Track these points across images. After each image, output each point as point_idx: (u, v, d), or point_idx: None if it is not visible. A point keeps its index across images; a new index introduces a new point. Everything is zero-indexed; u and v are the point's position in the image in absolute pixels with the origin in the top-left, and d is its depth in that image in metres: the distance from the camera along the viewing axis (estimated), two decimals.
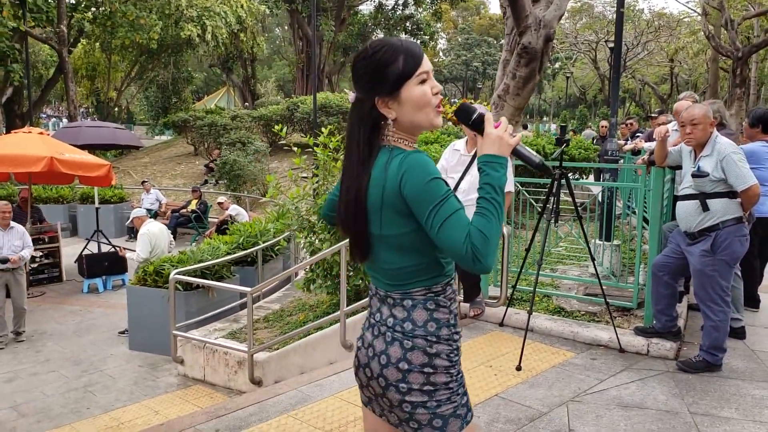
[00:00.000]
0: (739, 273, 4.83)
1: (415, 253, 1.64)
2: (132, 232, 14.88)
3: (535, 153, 1.70)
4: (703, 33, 25.15)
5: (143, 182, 17.05)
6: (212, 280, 7.65)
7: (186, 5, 23.80)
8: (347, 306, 5.56)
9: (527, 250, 4.94)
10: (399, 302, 1.68)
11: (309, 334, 6.07)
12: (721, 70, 29.99)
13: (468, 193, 4.75)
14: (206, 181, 19.88)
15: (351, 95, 1.70)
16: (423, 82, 1.63)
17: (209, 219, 15.61)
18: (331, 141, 6.60)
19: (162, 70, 28.99)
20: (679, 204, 4.13)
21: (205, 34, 24.46)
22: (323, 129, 6.96)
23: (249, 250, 8.44)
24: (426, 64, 1.63)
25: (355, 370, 1.80)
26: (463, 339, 4.71)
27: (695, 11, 31.41)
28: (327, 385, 3.92)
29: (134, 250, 8.59)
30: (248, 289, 6.26)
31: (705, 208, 3.91)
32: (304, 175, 9.42)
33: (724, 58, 25.70)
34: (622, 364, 4.24)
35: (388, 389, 1.68)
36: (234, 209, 13.88)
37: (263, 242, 8.73)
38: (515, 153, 1.66)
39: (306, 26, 32.24)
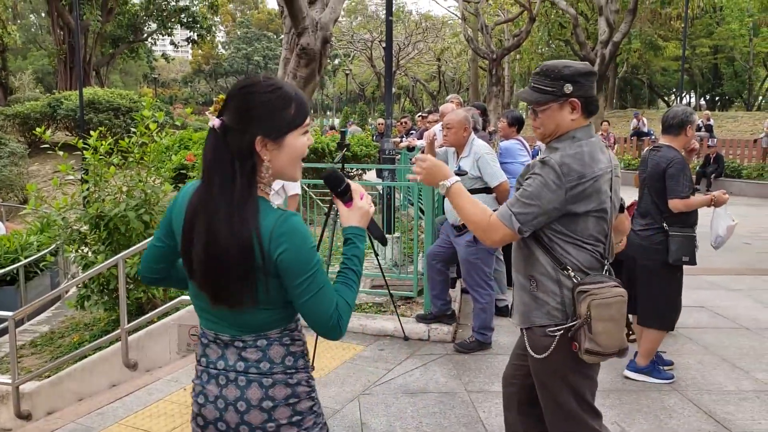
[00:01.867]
0: (501, 257, 5.44)
1: (279, 306, 1.58)
2: None
3: (379, 226, 1.79)
4: (463, 36, 27.69)
5: None
6: None
7: None
8: (128, 323, 5.20)
9: (317, 249, 5.04)
10: (251, 344, 1.59)
11: (86, 357, 5.58)
12: (480, 69, 33.29)
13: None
14: None
15: (216, 120, 1.53)
16: (304, 134, 1.59)
17: None
18: (102, 144, 6.10)
19: None
20: (447, 200, 4.53)
21: None
22: (92, 131, 6.41)
23: (9, 268, 7.51)
24: (308, 118, 1.60)
25: (201, 430, 1.63)
26: None
27: (456, 15, 34.44)
28: (110, 413, 3.63)
29: None
30: (9, 313, 5.55)
31: None
32: (71, 177, 8.56)
33: (481, 58, 28.55)
34: (407, 352, 4.53)
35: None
36: None
37: (25, 258, 7.82)
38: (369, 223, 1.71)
39: (67, 14, 29.24)
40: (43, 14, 50.59)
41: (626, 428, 3.44)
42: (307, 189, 6.32)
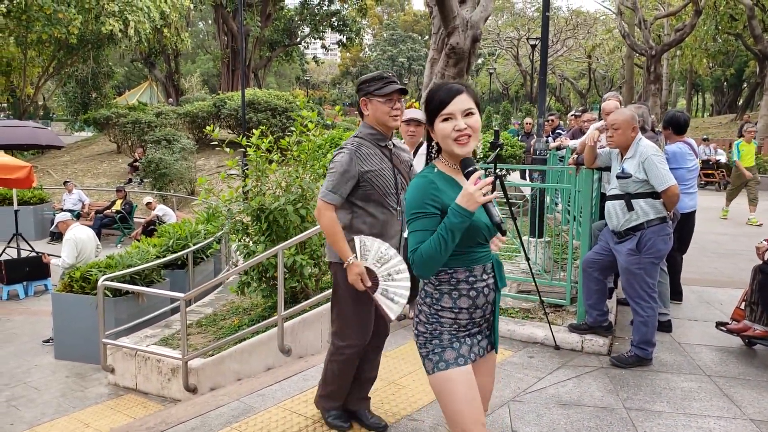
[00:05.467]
0: (665, 269, 5.08)
1: None
2: (55, 236, 14.19)
3: (497, 213, 2.07)
4: (618, 31, 26.25)
5: (65, 182, 16.30)
6: (142, 284, 7.41)
7: (107, 0, 22.85)
8: (285, 310, 5.50)
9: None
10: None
11: (245, 339, 5.98)
12: (635, 66, 31.42)
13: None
14: (131, 180, 19.18)
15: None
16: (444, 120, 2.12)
17: (135, 219, 15.09)
18: (263, 142, 6.50)
19: (81, 65, 27.70)
20: (608, 204, 4.31)
21: (128, 29, 23.58)
22: (254, 129, 6.85)
23: (180, 253, 8.21)
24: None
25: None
26: (399, 343, 4.76)
27: (610, 10, 32.74)
28: (269, 395, 3.86)
29: (59, 256, 8.20)
30: (181, 294, 6.09)
31: (630, 208, 4.11)
32: (233, 172, 9.23)
33: (638, 55, 26.92)
34: (558, 362, 4.37)
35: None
36: (161, 209, 13.46)
37: (194, 244, 8.51)
38: (485, 208, 2.04)
39: (231, 21, 31.57)
40: (209, 21, 55.04)
41: None
42: None
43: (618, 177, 4.17)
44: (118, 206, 14.80)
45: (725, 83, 43.97)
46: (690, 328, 5.18)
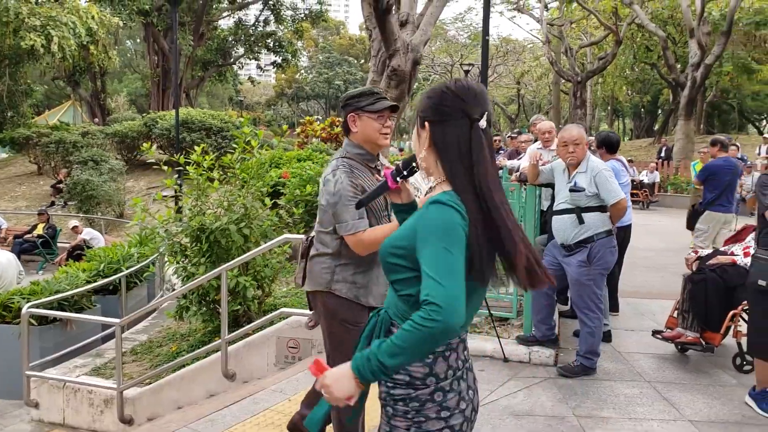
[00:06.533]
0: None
1: None
2: None
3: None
4: (547, 58, 27.35)
5: None
6: (71, 311, 7.03)
7: (27, 13, 21.84)
8: (228, 333, 5.32)
9: None
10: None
11: (184, 366, 5.75)
12: (561, 92, 32.76)
13: None
14: (53, 203, 18.30)
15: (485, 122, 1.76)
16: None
17: (59, 244, 14.35)
18: (205, 159, 6.33)
19: None
20: (556, 218, 4.42)
21: (51, 44, 22.59)
22: (193, 148, 6.66)
23: (112, 278, 7.86)
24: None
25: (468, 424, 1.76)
26: None
27: (538, 38, 34.09)
28: (219, 420, 3.72)
29: None
30: (117, 320, 5.82)
31: (581, 221, 4.24)
32: (165, 193, 8.93)
33: (564, 81, 28.09)
34: (507, 374, 4.44)
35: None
36: (88, 233, 12.90)
37: (127, 268, 8.18)
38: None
39: (162, 40, 30.91)
40: (138, 40, 53.72)
41: None
42: None
43: (572, 190, 4.30)
44: (40, 230, 14.08)
45: (642, 109, 46.53)
46: (628, 338, 5.37)
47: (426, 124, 1.76)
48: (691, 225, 8.21)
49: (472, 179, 1.67)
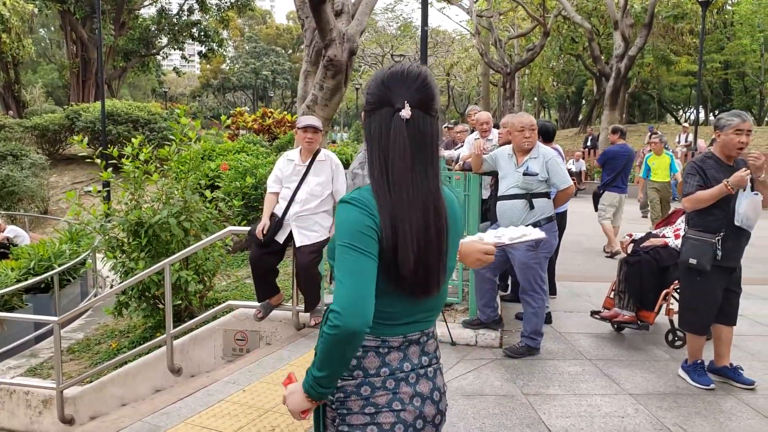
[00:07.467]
0: None
1: None
2: None
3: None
4: (477, 50, 27.85)
5: None
6: (2, 311, 6.72)
7: None
8: (173, 328, 5.24)
9: None
10: (431, 335, 1.75)
11: (127, 363, 5.62)
12: (490, 84, 33.46)
13: (305, 203, 4.78)
14: None
15: (408, 111, 1.57)
16: None
17: None
18: (143, 151, 6.16)
19: None
20: (504, 203, 4.55)
21: None
22: (126, 141, 6.47)
23: (43, 276, 7.55)
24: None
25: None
26: (301, 352, 4.71)
27: (468, 30, 34.65)
28: (174, 413, 3.66)
29: None
30: (54, 318, 5.64)
31: (531, 206, 4.41)
32: (89, 189, 8.61)
33: (493, 73, 28.70)
34: (456, 357, 4.56)
35: (443, 419, 1.71)
36: (12, 230, 12.22)
37: (59, 265, 7.86)
38: None
39: (80, 28, 29.55)
40: (52, 29, 51.12)
41: (688, 430, 3.45)
42: None
43: (525, 174, 4.44)
44: None
45: (567, 100, 48.11)
46: (567, 319, 5.62)
47: (362, 114, 1.66)
48: (596, 207, 8.89)
49: (388, 174, 1.55)
